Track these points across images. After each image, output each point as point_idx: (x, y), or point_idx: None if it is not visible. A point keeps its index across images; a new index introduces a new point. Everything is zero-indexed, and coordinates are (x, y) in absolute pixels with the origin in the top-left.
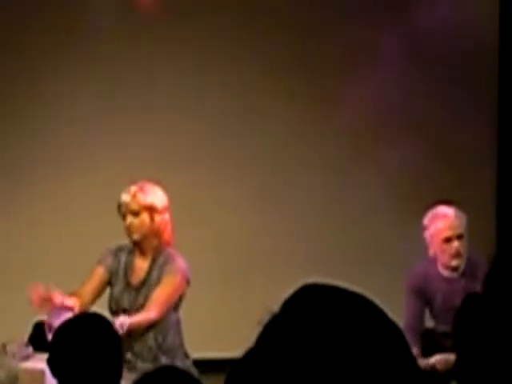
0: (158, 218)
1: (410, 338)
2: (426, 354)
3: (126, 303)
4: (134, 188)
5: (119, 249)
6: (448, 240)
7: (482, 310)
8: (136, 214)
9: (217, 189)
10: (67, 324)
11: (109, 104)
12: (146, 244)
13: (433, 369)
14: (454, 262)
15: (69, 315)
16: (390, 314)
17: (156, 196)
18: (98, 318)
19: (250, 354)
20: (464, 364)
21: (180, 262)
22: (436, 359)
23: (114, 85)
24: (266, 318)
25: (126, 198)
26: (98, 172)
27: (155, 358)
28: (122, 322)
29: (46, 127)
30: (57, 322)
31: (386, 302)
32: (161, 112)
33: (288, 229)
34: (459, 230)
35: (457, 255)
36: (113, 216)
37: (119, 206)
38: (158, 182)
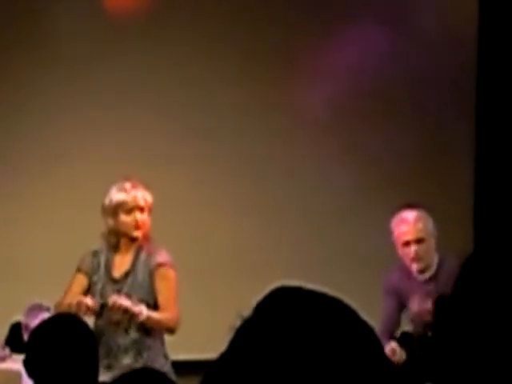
0: (149, 218)
1: (384, 340)
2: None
3: (110, 295)
4: (140, 186)
5: (97, 251)
6: (407, 244)
7: (452, 312)
8: (143, 211)
9: (197, 188)
10: (43, 325)
11: (86, 102)
12: (135, 242)
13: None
14: (414, 266)
15: (45, 316)
16: (370, 315)
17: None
18: (73, 318)
19: (223, 358)
20: (439, 365)
21: (164, 254)
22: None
23: (90, 83)
24: (237, 323)
25: (137, 193)
26: (75, 170)
27: (138, 354)
28: (141, 310)
29: (21, 125)
30: (33, 322)
31: (366, 302)
32: (142, 110)
33: (270, 229)
34: (419, 235)
35: (415, 259)
36: (89, 214)
37: (123, 203)
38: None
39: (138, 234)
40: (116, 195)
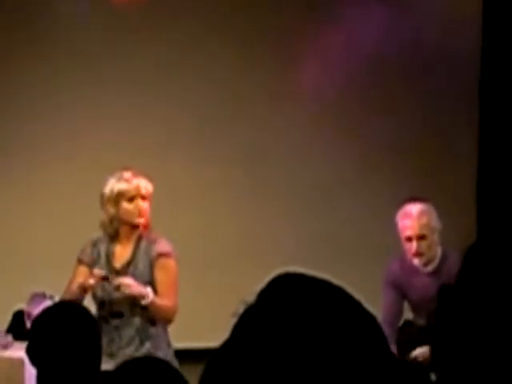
0: (149, 207)
1: (386, 331)
2: (406, 345)
3: (111, 287)
4: (140, 176)
5: (97, 240)
6: (409, 239)
7: (455, 302)
8: (145, 199)
9: (199, 176)
10: (45, 312)
11: (86, 92)
12: (136, 230)
13: (415, 361)
14: (415, 261)
15: (48, 303)
16: (374, 303)
17: None
18: (76, 306)
19: (227, 345)
20: (440, 355)
21: (164, 243)
22: (417, 353)
23: (90, 73)
24: (240, 309)
25: (139, 182)
26: (76, 159)
27: (141, 343)
28: (147, 292)
29: (21, 115)
30: (36, 310)
31: (372, 291)
32: (143, 98)
33: (273, 217)
34: (421, 231)
35: (417, 255)
36: (89, 203)
37: (126, 191)
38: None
39: (140, 221)
40: (117, 184)
